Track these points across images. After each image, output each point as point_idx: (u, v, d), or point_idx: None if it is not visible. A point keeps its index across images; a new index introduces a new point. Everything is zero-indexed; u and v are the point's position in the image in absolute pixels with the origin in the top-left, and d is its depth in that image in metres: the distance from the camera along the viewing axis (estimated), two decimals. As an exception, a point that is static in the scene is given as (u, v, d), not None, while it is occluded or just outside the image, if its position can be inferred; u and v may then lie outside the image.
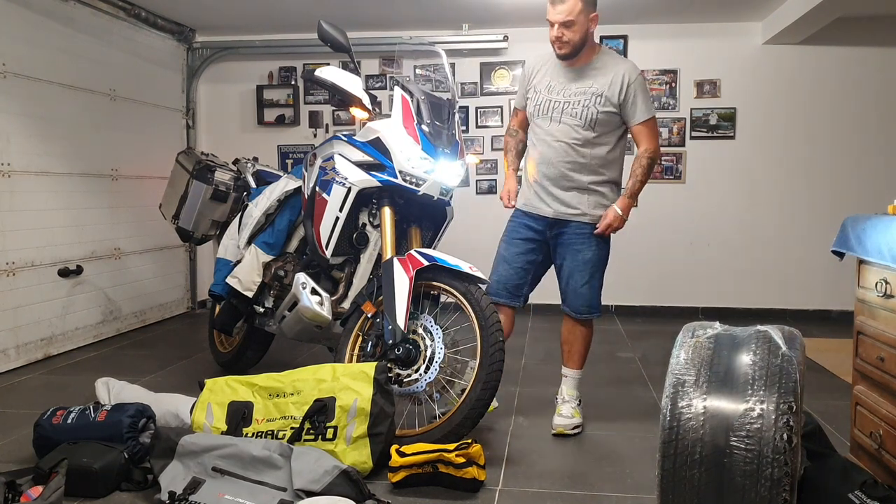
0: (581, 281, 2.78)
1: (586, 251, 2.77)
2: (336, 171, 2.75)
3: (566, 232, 2.79)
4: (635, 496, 2.21)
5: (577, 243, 2.77)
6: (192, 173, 3.58)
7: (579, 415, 2.81)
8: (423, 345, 2.55)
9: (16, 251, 3.81)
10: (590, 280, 2.78)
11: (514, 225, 2.89)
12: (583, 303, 2.79)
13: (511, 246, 2.86)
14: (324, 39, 2.80)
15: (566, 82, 2.76)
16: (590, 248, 2.77)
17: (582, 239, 2.77)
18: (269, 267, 3.16)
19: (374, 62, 5.55)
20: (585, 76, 2.75)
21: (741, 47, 5.19)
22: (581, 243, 2.77)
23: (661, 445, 1.58)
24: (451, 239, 3.12)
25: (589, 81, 2.73)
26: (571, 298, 2.81)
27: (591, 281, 2.79)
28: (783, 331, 1.67)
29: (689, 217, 5.30)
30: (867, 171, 5.09)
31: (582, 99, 2.72)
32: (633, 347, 4.26)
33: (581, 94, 2.72)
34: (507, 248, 2.87)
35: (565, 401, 2.82)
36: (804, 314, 5.16)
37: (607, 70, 2.73)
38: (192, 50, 5.59)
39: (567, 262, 2.80)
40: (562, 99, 2.75)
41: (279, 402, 2.42)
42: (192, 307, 5.66)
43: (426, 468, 2.21)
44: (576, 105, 2.72)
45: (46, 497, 1.94)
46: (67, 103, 4.24)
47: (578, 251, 2.77)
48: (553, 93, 2.77)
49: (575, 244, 2.78)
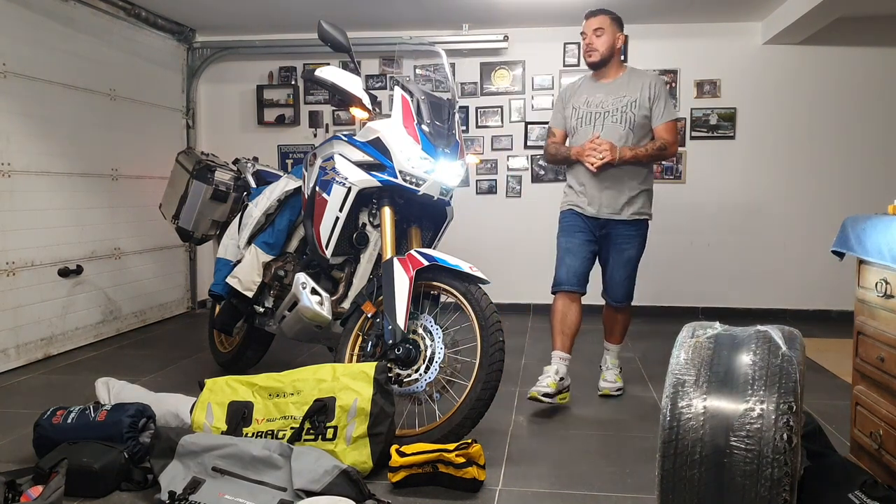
0: (623, 275, 3.17)
1: (630, 249, 3.15)
2: (336, 171, 2.75)
3: (612, 233, 3.14)
4: (635, 496, 2.21)
5: (622, 242, 3.14)
6: (192, 173, 3.58)
7: (621, 380, 3.31)
8: (423, 345, 2.55)
9: (16, 251, 3.81)
10: (630, 275, 3.18)
11: (569, 220, 3.18)
12: (623, 293, 3.20)
13: (573, 238, 3.14)
14: (324, 39, 2.80)
15: (603, 96, 3.13)
16: (633, 246, 3.16)
17: (626, 238, 3.14)
18: (269, 267, 3.16)
19: (374, 62, 5.55)
20: (618, 89, 3.13)
21: (741, 47, 5.19)
22: (626, 242, 3.14)
23: (661, 445, 1.59)
24: (451, 239, 3.12)
25: (623, 92, 3.11)
26: (613, 289, 3.20)
27: (631, 275, 3.19)
28: (783, 331, 1.67)
29: (689, 217, 5.30)
30: (867, 171, 5.09)
31: (620, 107, 3.09)
32: (633, 347, 4.25)
33: (619, 103, 3.09)
34: (569, 239, 3.15)
35: (609, 368, 3.31)
36: (804, 314, 5.16)
37: (636, 81, 3.13)
38: (192, 50, 5.59)
39: (612, 258, 3.17)
40: (601, 110, 3.11)
41: (279, 401, 2.42)
42: (192, 307, 5.66)
43: (426, 468, 2.21)
44: (615, 113, 3.09)
45: (46, 497, 1.94)
46: (67, 103, 4.24)
47: (623, 250, 3.14)
48: (592, 106, 3.13)
49: (620, 243, 3.14)
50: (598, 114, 3.12)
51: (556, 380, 2.99)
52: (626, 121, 3.08)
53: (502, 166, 5.50)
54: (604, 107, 3.12)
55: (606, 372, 3.32)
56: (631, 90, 3.11)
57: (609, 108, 3.11)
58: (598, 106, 3.13)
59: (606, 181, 3.09)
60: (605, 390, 3.25)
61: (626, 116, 3.08)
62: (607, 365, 3.34)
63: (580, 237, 3.15)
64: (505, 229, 5.41)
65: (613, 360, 3.34)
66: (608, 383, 3.28)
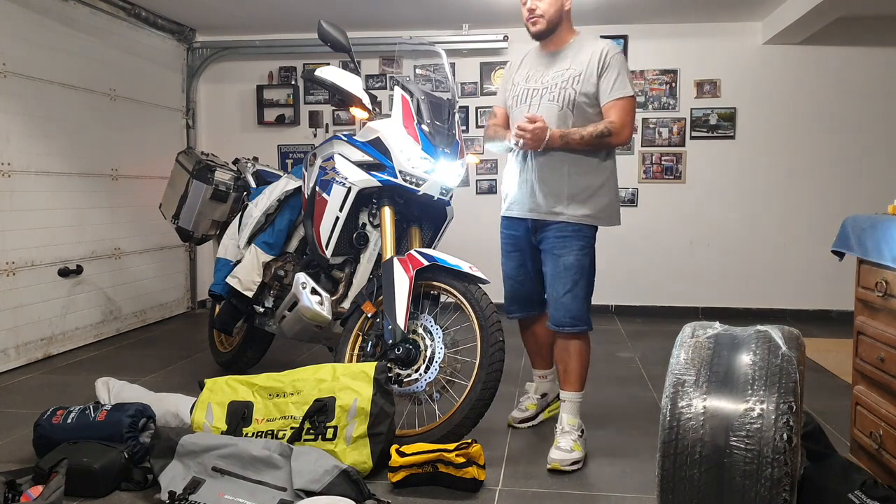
0: (562, 289, 2.48)
1: (567, 255, 2.49)
2: (336, 171, 2.75)
3: (545, 237, 2.55)
4: (635, 496, 2.21)
5: (556, 248, 2.51)
6: (192, 173, 3.58)
7: (580, 448, 2.44)
8: (423, 345, 2.55)
9: (16, 251, 3.81)
10: (572, 289, 2.48)
11: (503, 233, 2.73)
12: (563, 313, 2.49)
13: (508, 259, 2.72)
14: (324, 39, 2.80)
15: (543, 69, 2.58)
16: (570, 251, 2.49)
17: (560, 242, 2.51)
18: (269, 267, 3.16)
19: (374, 62, 5.55)
20: (562, 59, 2.55)
21: (741, 47, 5.18)
22: (560, 247, 2.50)
23: (661, 445, 1.59)
24: (451, 239, 3.12)
25: (566, 62, 2.53)
26: (553, 309, 2.53)
27: (574, 290, 2.48)
28: (783, 331, 1.67)
29: (689, 217, 5.30)
30: (867, 171, 5.09)
31: (559, 82, 2.51)
32: (633, 347, 4.25)
33: (558, 77, 2.52)
34: (505, 261, 2.73)
35: (564, 431, 2.48)
36: (804, 314, 5.16)
37: (585, 49, 2.53)
38: (192, 50, 5.59)
39: (548, 267, 2.55)
40: (539, 86, 2.55)
41: (279, 401, 2.42)
42: (192, 307, 5.66)
43: (426, 468, 2.21)
44: (552, 89, 2.51)
45: (46, 497, 1.94)
46: (67, 103, 4.24)
47: (558, 256, 2.50)
48: (530, 82, 2.59)
49: (553, 248, 2.52)
50: (536, 90, 2.55)
51: (537, 399, 2.87)
52: (563, 99, 2.48)
53: (502, 166, 5.50)
54: (543, 82, 2.54)
55: (561, 437, 2.46)
56: (577, 61, 2.50)
57: (547, 84, 2.52)
58: (536, 81, 2.56)
59: (535, 174, 2.52)
60: (555, 464, 2.37)
61: (564, 94, 2.48)
62: (563, 426, 2.49)
63: (513, 258, 2.68)
64: (505, 229, 5.40)
65: (572, 419, 2.51)
66: (561, 452, 2.39)
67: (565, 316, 2.49)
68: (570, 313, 2.49)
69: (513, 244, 2.70)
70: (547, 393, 2.93)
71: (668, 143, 5.29)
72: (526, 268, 2.68)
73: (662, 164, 5.30)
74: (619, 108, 2.47)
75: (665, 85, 5.27)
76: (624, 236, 5.23)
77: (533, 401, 2.88)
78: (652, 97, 5.28)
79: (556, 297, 2.51)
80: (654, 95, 5.28)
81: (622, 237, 5.20)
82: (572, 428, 2.50)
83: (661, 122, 5.29)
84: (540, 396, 2.90)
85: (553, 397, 2.94)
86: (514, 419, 2.83)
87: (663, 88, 5.28)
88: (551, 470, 2.38)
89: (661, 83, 5.28)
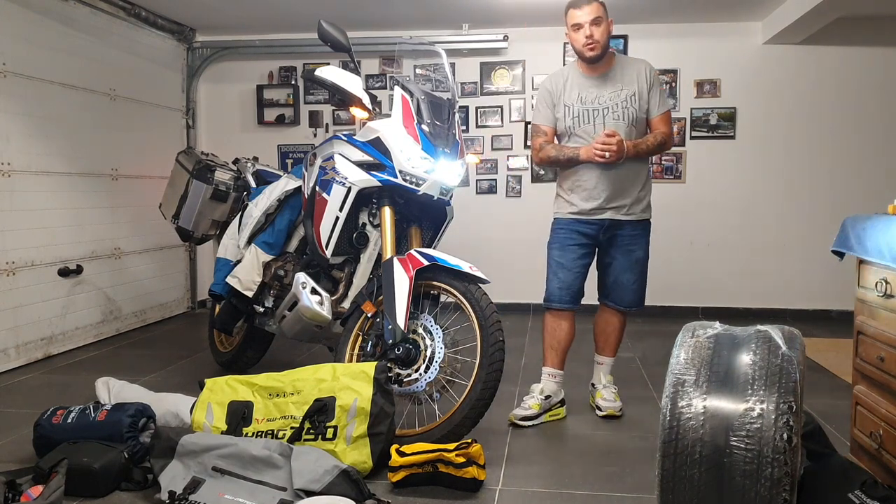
0: (633, 278, 2.95)
1: (638, 250, 2.96)
2: (336, 171, 2.75)
3: (618, 234, 2.93)
4: (635, 496, 2.21)
5: (629, 243, 2.94)
6: (192, 173, 3.58)
7: (619, 397, 3.02)
8: (423, 344, 2.55)
9: (16, 251, 3.81)
10: (640, 278, 2.98)
11: (563, 230, 2.96)
12: (634, 297, 2.98)
13: (567, 252, 2.93)
14: (324, 39, 2.80)
15: (597, 91, 2.87)
16: (641, 247, 2.97)
17: (632, 239, 2.94)
18: (269, 267, 3.16)
19: (374, 62, 5.55)
20: (612, 81, 2.88)
21: (741, 47, 5.18)
22: (633, 243, 2.94)
23: (661, 445, 1.59)
24: (450, 239, 3.12)
25: (618, 84, 2.87)
26: (622, 293, 2.97)
27: (641, 279, 2.98)
28: (783, 331, 1.67)
29: (689, 217, 5.30)
30: (867, 171, 5.09)
31: (620, 102, 2.85)
32: (633, 347, 4.25)
33: (616, 98, 2.85)
34: (563, 253, 2.93)
35: (605, 386, 3.02)
36: (804, 314, 5.16)
37: (628, 70, 2.90)
38: (192, 50, 5.59)
39: (618, 261, 2.95)
40: (599, 106, 2.85)
41: (279, 401, 2.42)
42: (192, 307, 5.66)
43: (426, 468, 2.21)
44: (615, 108, 2.85)
45: (46, 497, 1.94)
46: (67, 103, 4.24)
47: (632, 251, 2.94)
48: (587, 103, 2.86)
49: (628, 244, 2.94)
50: (597, 111, 2.85)
51: (541, 400, 2.87)
52: (628, 116, 2.84)
53: (502, 166, 5.50)
54: (601, 102, 2.85)
55: (604, 390, 3.01)
56: (627, 81, 2.87)
57: (608, 104, 2.85)
58: (593, 102, 2.85)
59: (614, 180, 2.85)
60: (610, 410, 2.93)
61: (627, 112, 2.84)
62: (603, 382, 3.04)
63: (575, 251, 2.92)
64: (505, 229, 5.40)
65: (609, 375, 3.07)
66: (610, 402, 2.97)
67: (634, 299, 2.99)
68: (637, 296, 2.99)
69: (579, 239, 2.93)
70: (551, 395, 2.93)
71: (668, 143, 5.29)
72: (585, 261, 2.96)
73: (662, 163, 5.30)
74: (666, 120, 2.94)
75: (665, 85, 5.27)
76: (624, 236, 5.24)
77: (537, 401, 2.88)
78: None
79: (628, 284, 2.96)
80: (654, 95, 5.28)
81: (622, 237, 5.20)
82: (611, 383, 3.05)
83: (661, 122, 5.28)
84: (545, 398, 2.90)
85: (556, 402, 2.95)
86: (515, 416, 2.84)
87: (663, 88, 5.25)
88: (605, 416, 2.93)
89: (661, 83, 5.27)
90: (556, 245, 2.96)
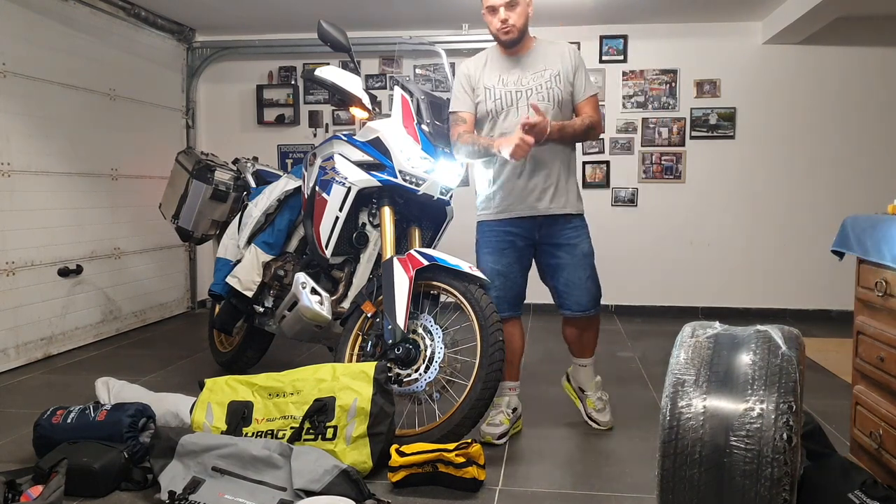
0: (584, 274, 2.69)
1: (582, 243, 2.70)
2: (336, 171, 2.75)
3: (554, 230, 2.69)
4: (635, 496, 2.21)
5: (571, 237, 2.69)
6: (192, 173, 3.58)
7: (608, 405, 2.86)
8: (422, 344, 2.55)
9: (16, 251, 3.81)
10: (591, 273, 2.72)
11: (491, 234, 2.72)
12: (590, 297, 2.71)
13: (501, 257, 2.69)
14: (324, 39, 2.80)
15: (519, 72, 2.66)
16: (583, 239, 2.71)
17: (573, 232, 2.69)
18: (269, 266, 3.16)
19: (374, 62, 5.55)
20: (534, 62, 2.67)
21: (741, 47, 5.18)
22: (575, 237, 2.69)
23: (661, 445, 1.58)
24: (451, 239, 3.12)
25: (540, 65, 2.66)
26: (577, 295, 2.69)
27: (593, 274, 2.72)
28: (783, 331, 1.67)
29: (689, 217, 5.30)
30: (867, 171, 5.09)
31: (544, 82, 2.63)
32: (633, 347, 4.25)
33: (539, 78, 2.64)
34: (498, 259, 2.69)
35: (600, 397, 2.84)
36: (804, 314, 5.16)
37: (550, 51, 2.69)
38: (192, 50, 5.59)
39: (563, 259, 2.69)
40: (521, 87, 2.64)
41: (279, 401, 2.42)
42: (192, 307, 5.66)
43: (426, 468, 2.21)
44: (539, 89, 2.63)
45: (46, 497, 1.94)
46: (67, 103, 4.24)
47: (575, 245, 2.69)
48: (508, 85, 2.65)
49: (569, 238, 2.69)
50: (520, 92, 2.62)
51: (509, 413, 2.70)
52: (553, 97, 2.61)
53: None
54: (524, 84, 2.63)
55: (592, 395, 2.83)
56: (550, 62, 2.65)
57: (531, 86, 2.62)
58: (516, 84, 2.63)
59: (537, 169, 2.63)
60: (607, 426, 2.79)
61: (551, 93, 2.61)
62: (590, 387, 2.84)
63: (510, 255, 2.68)
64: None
65: (598, 379, 2.85)
66: (604, 417, 2.79)
67: (590, 299, 2.72)
68: (592, 295, 2.72)
69: (510, 242, 2.70)
70: (517, 407, 2.78)
71: (667, 143, 5.29)
72: (521, 265, 2.73)
73: (662, 163, 5.30)
74: (593, 104, 2.70)
75: (665, 85, 5.28)
76: (624, 236, 5.24)
77: (506, 415, 2.69)
78: (652, 97, 5.28)
79: (579, 283, 2.69)
80: (653, 95, 5.28)
81: (622, 237, 5.21)
82: (599, 387, 2.85)
83: (660, 121, 5.29)
84: (511, 411, 2.73)
85: (519, 413, 2.80)
86: (492, 435, 2.62)
87: (663, 88, 5.28)
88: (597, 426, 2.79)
89: (660, 83, 5.28)
90: (488, 250, 2.71)
